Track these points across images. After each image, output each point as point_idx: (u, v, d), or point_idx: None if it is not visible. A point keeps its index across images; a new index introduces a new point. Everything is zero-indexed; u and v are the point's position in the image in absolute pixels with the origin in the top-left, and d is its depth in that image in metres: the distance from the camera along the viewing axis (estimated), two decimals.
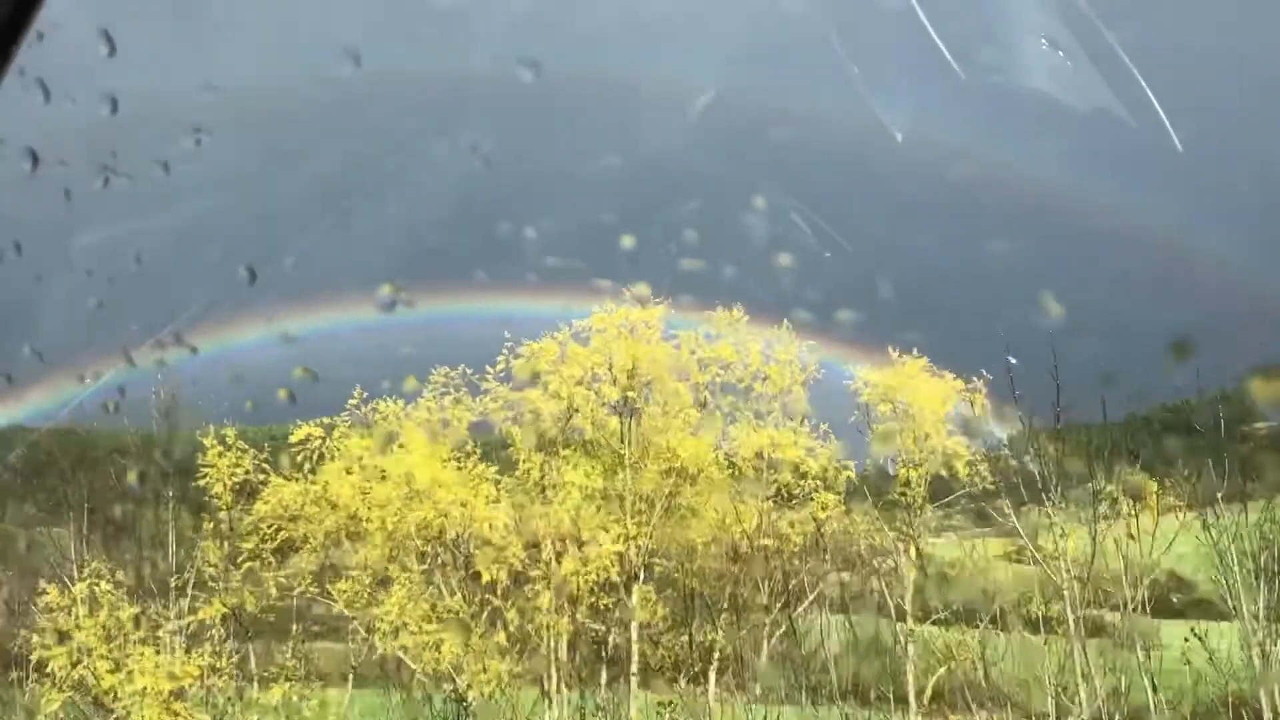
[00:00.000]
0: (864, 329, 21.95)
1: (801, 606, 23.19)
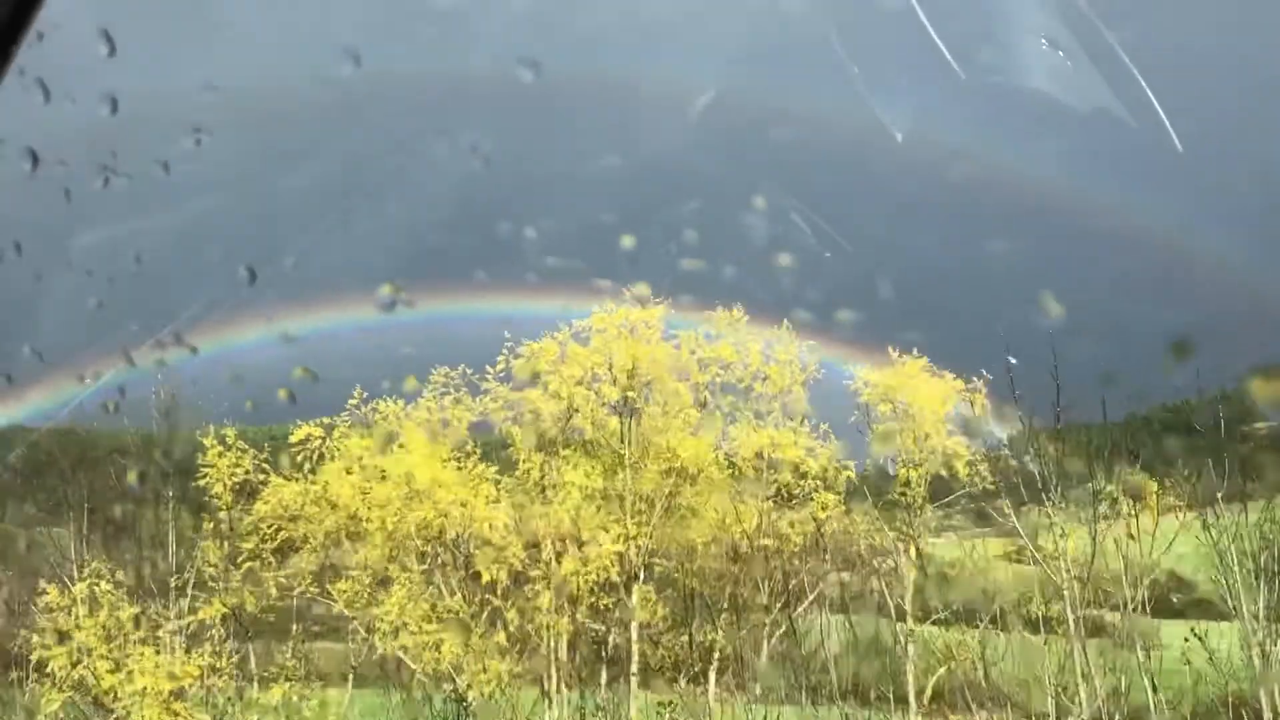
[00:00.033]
0: (863, 329, 21.97)
1: (802, 606, 23.20)
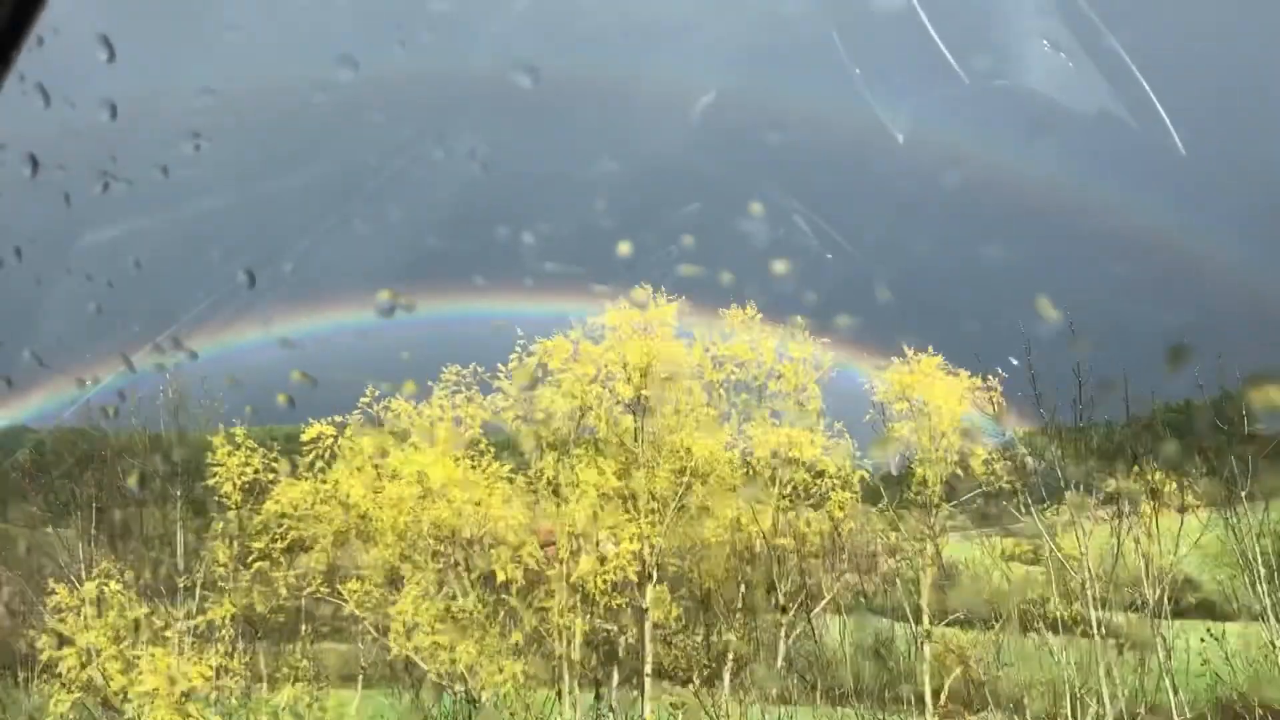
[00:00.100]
0: (866, 330, 21.98)
1: (819, 607, 23.19)
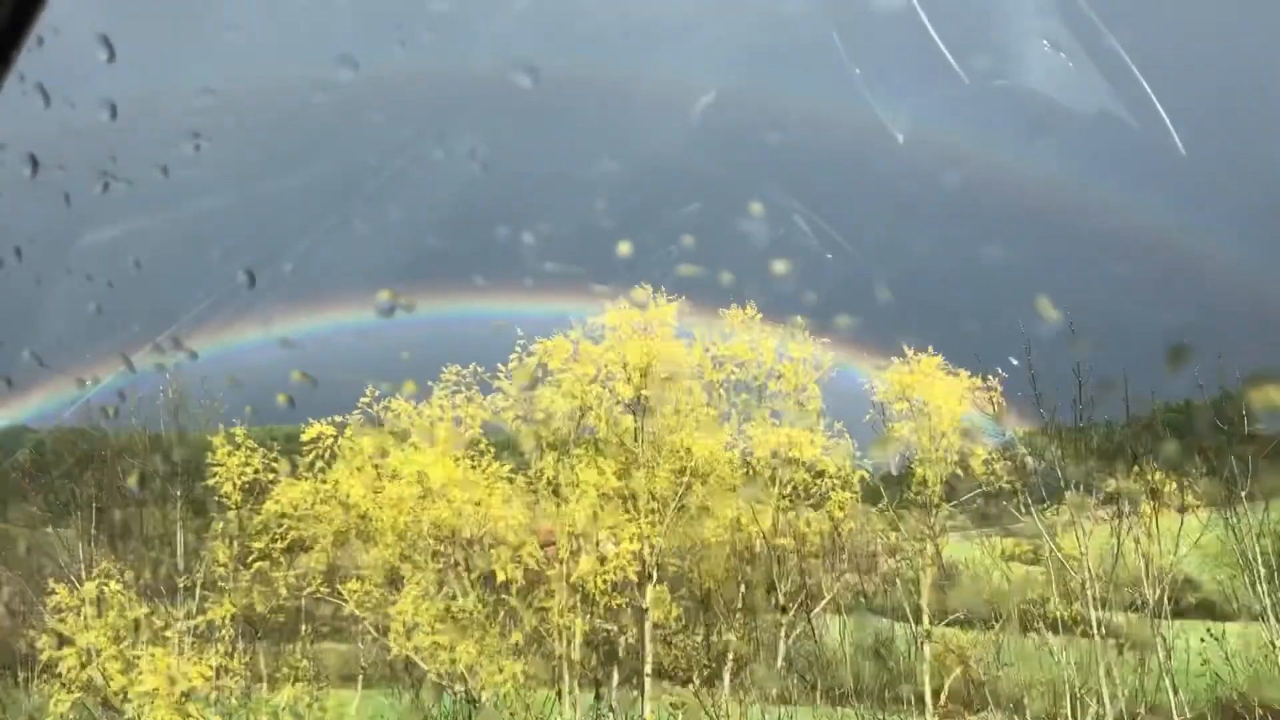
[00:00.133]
0: (866, 330, 21.99)
1: (819, 607, 23.19)
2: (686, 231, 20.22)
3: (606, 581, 20.95)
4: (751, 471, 22.44)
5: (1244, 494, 19.24)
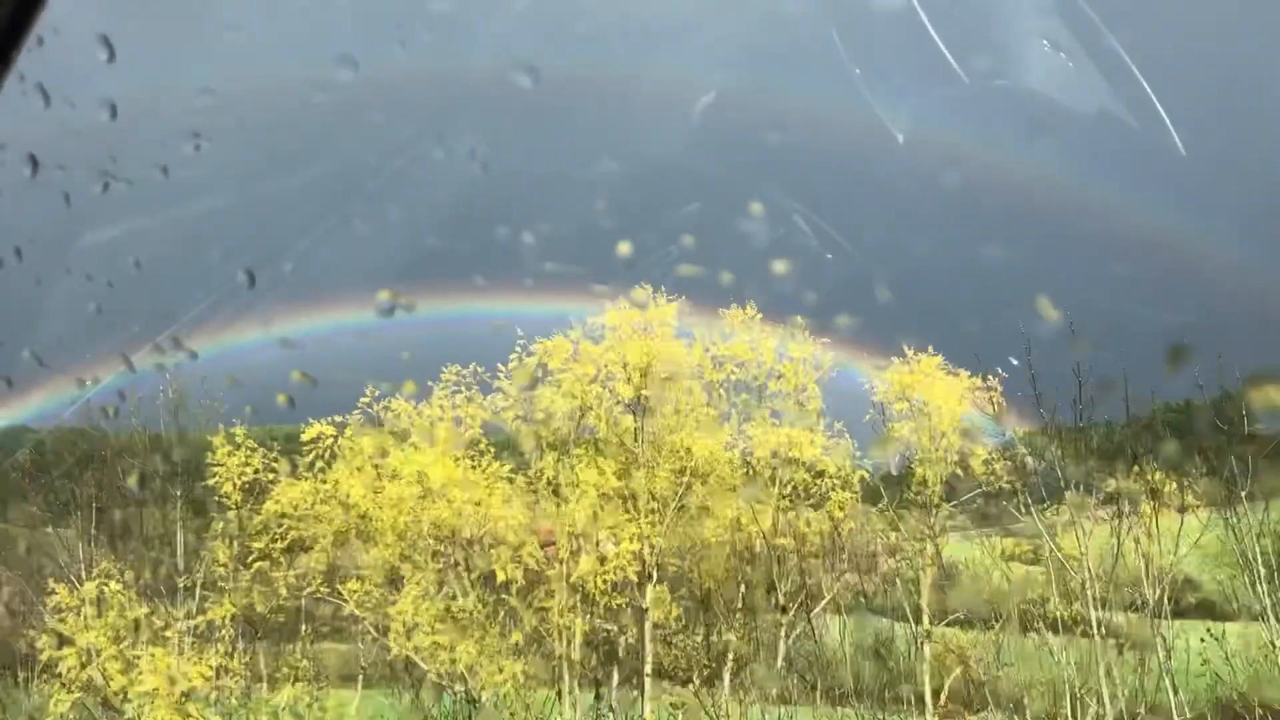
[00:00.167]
0: (866, 330, 21.98)
1: (819, 607, 23.19)
2: (686, 231, 20.26)
3: (606, 581, 20.96)
4: (751, 471, 22.44)
5: (1244, 494, 19.25)
